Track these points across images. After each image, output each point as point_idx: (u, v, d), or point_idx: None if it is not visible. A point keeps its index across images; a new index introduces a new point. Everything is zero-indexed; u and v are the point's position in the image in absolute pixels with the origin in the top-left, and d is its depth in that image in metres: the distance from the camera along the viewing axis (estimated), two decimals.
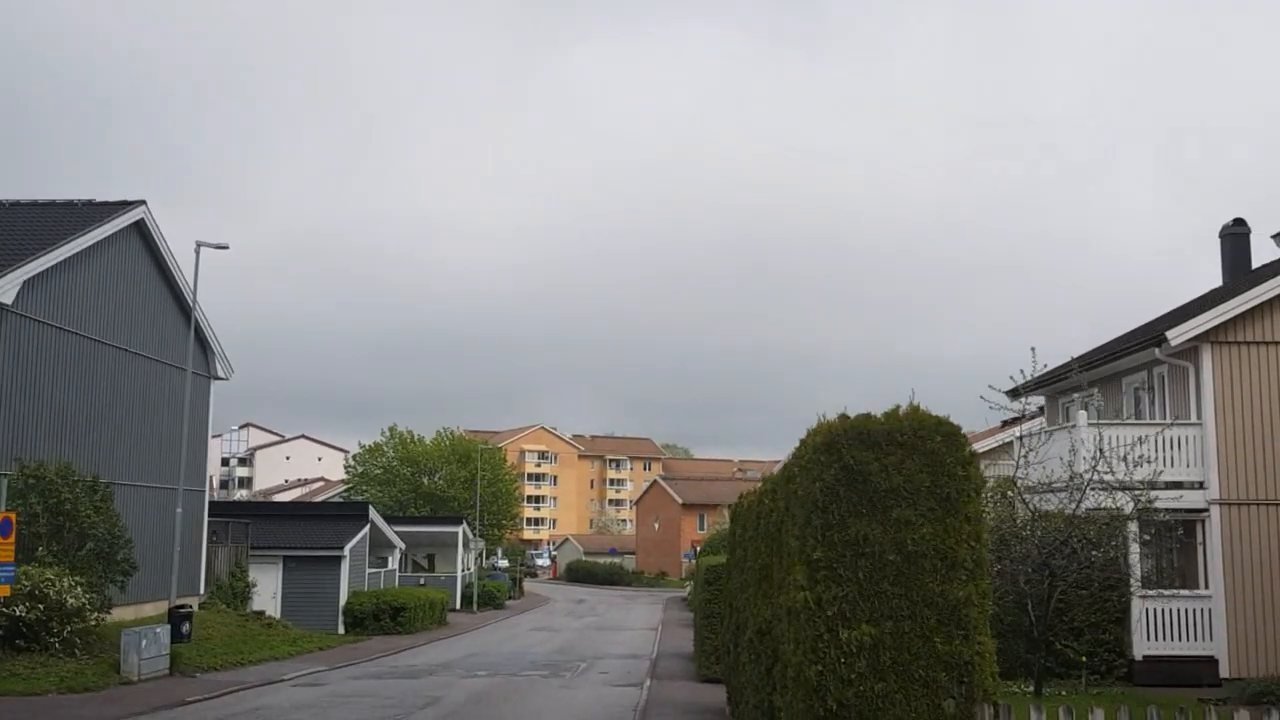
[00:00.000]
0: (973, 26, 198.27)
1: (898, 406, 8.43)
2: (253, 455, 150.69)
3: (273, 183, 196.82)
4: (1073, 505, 15.69)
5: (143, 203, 27.47)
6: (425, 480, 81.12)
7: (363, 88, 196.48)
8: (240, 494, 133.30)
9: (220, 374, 32.46)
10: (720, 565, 21.15)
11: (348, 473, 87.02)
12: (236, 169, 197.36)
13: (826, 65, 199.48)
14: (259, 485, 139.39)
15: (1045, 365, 16.67)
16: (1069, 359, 21.25)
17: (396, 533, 51.32)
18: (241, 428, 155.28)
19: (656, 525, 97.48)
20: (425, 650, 32.67)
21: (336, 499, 79.89)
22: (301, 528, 40.06)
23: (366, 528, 41.21)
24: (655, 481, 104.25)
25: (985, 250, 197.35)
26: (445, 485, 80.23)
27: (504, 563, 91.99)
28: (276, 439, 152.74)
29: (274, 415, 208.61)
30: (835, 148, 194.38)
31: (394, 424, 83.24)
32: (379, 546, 45.74)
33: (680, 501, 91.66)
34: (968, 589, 7.99)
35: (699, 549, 46.54)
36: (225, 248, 25.03)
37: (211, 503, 35.84)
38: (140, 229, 27.82)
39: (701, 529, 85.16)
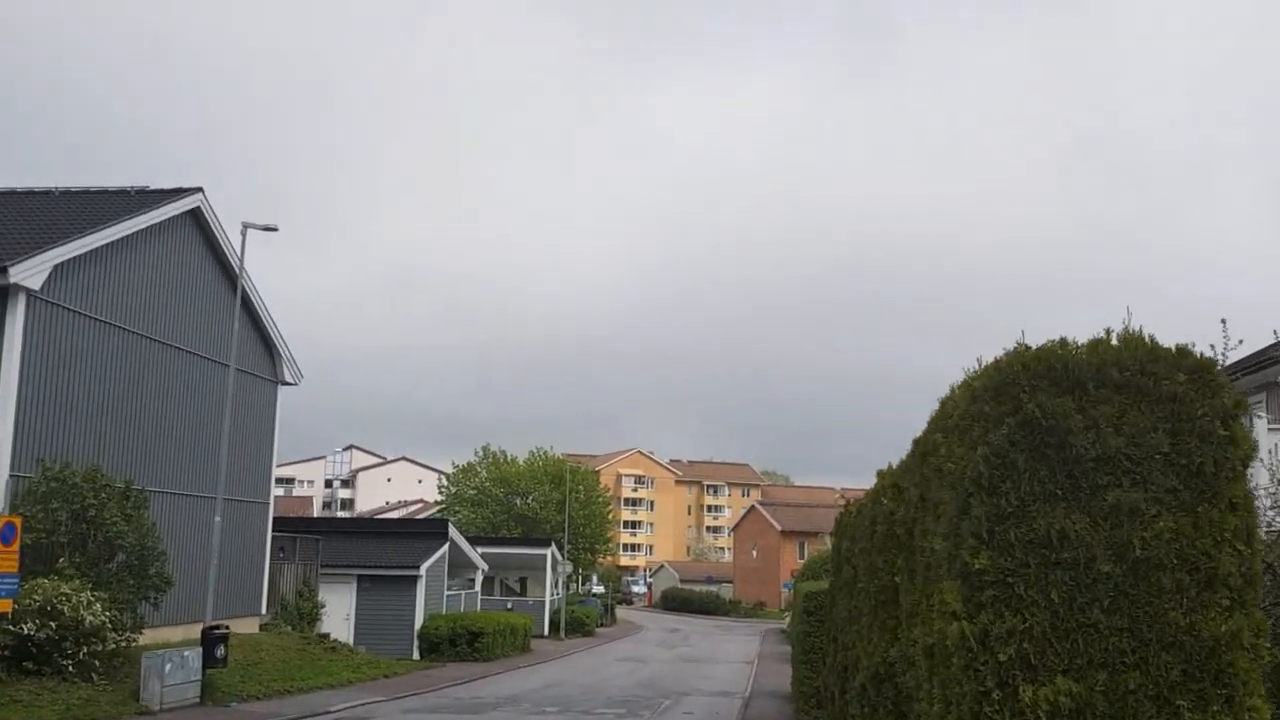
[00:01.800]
0: (1047, 49, 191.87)
1: (1108, 332, 5.39)
2: (355, 477, 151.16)
3: (374, 216, 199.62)
4: None
5: (199, 190, 25.61)
6: (518, 501, 78.98)
7: (457, 125, 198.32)
8: (342, 515, 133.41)
9: (288, 379, 30.47)
10: (822, 591, 18.00)
11: (441, 493, 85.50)
12: (341, 203, 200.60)
13: (902, 96, 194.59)
14: (361, 507, 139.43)
15: (1240, 341, 13.06)
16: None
17: (483, 554, 49.04)
18: (345, 449, 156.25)
19: (754, 553, 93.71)
20: (499, 680, 30.03)
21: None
22: (377, 546, 37.91)
23: (445, 546, 38.86)
24: (753, 507, 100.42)
25: (1075, 272, 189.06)
26: (538, 507, 77.93)
27: (600, 588, 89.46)
28: (379, 461, 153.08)
29: (378, 439, 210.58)
30: (918, 175, 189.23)
31: (487, 443, 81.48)
32: (461, 567, 43.41)
33: (779, 528, 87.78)
34: (1235, 621, 4.87)
35: (797, 575, 43.04)
36: (274, 229, 22.90)
37: (280, 518, 33.91)
38: (196, 218, 25.96)
39: (802, 558, 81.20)
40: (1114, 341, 5.27)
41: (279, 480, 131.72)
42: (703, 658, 42.34)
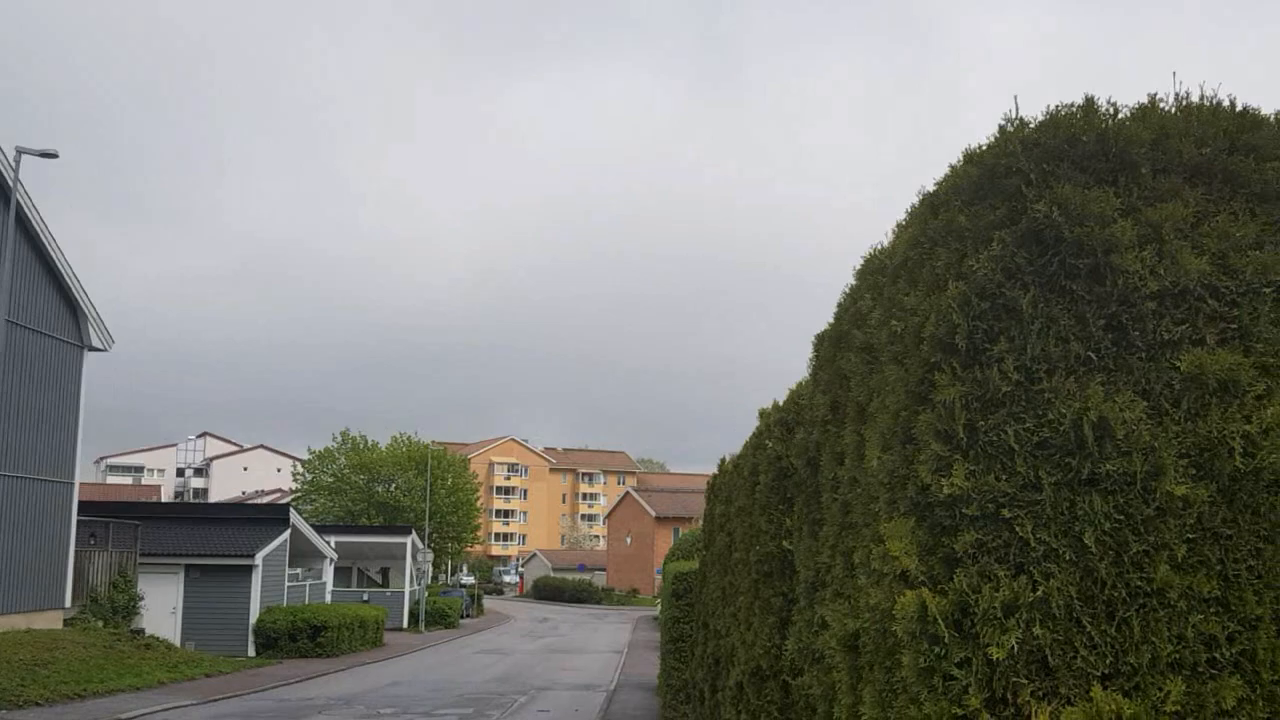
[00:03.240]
0: (884, 69, 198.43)
1: (1152, 100, 3.21)
2: (209, 465, 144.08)
3: (232, 201, 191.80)
4: None
5: None
6: (380, 489, 75.31)
7: (320, 111, 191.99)
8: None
9: (96, 343, 26.85)
10: (692, 571, 15.87)
11: (296, 480, 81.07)
12: (194, 188, 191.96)
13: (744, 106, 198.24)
14: (215, 496, 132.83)
15: None
16: None
17: (337, 542, 45.82)
18: (198, 437, 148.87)
19: (629, 540, 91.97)
20: (339, 678, 27.14)
21: None
22: (209, 533, 34.30)
23: (286, 533, 35.54)
24: (627, 493, 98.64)
25: None
26: (401, 494, 74.44)
27: (469, 579, 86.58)
28: (235, 449, 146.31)
29: (235, 428, 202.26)
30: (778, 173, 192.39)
31: (346, 428, 77.44)
32: (306, 556, 40.08)
33: (653, 514, 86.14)
34: None
35: (666, 556, 40.88)
36: (54, 155, 19.65)
37: (100, 502, 30.23)
38: None
39: None
40: (1170, 105, 3.10)
41: (125, 469, 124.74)
42: (570, 648, 40.08)
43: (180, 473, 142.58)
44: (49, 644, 22.53)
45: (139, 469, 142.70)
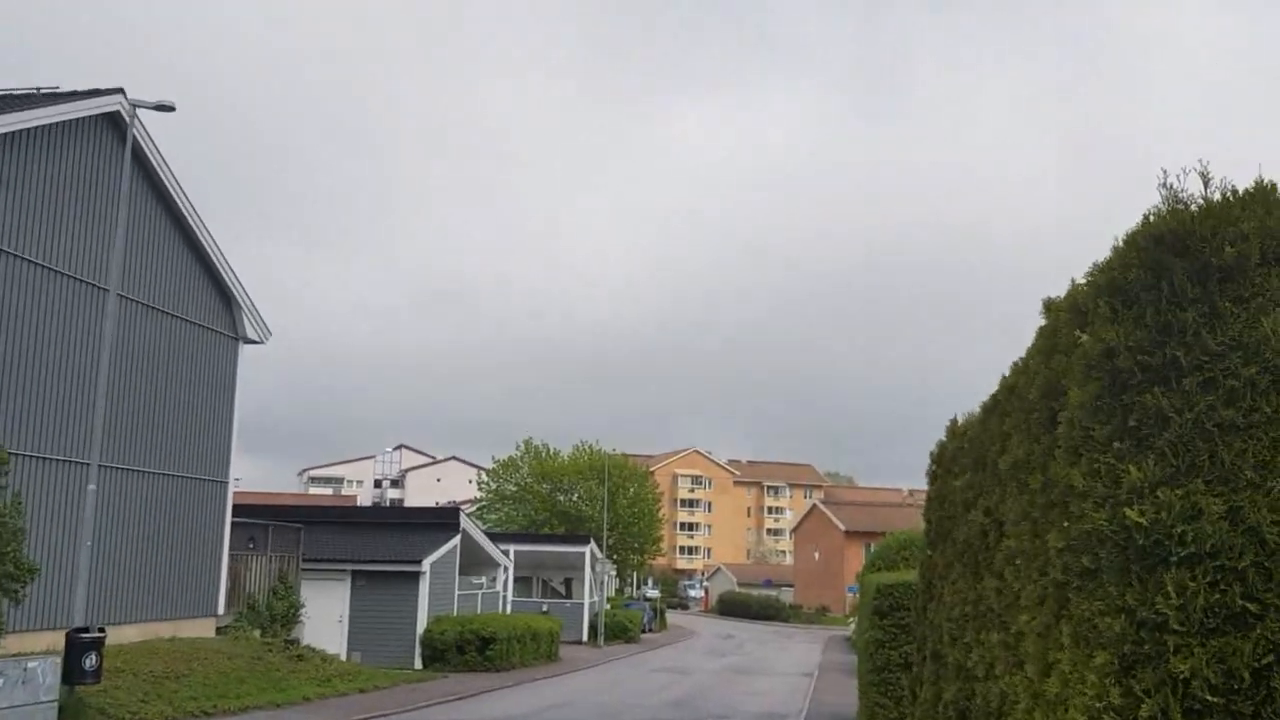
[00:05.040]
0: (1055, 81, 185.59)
1: None
2: (404, 477, 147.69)
3: (413, 228, 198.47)
4: None
5: (119, 90, 20.76)
6: (562, 498, 73.95)
7: (488, 136, 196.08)
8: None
9: (251, 335, 25.54)
10: (903, 583, 12.52)
11: (481, 489, 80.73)
12: (381, 219, 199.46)
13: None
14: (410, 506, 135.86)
15: None
16: None
17: (516, 551, 44.09)
18: (395, 449, 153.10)
19: (816, 555, 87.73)
20: (500, 697, 24.82)
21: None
22: (376, 538, 32.83)
23: (456, 539, 33.73)
24: (814, 506, 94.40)
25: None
26: (583, 504, 72.81)
27: (654, 592, 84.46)
28: (428, 460, 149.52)
29: (430, 442, 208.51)
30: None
31: (529, 437, 76.45)
32: (479, 564, 38.30)
33: (843, 529, 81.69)
34: None
35: (863, 567, 36.66)
36: (170, 108, 18.02)
37: (245, 504, 29.02)
38: (117, 125, 21.10)
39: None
40: None
41: (326, 480, 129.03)
42: (754, 669, 36.85)
43: (377, 484, 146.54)
44: (188, 655, 20.94)
45: (339, 480, 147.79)
